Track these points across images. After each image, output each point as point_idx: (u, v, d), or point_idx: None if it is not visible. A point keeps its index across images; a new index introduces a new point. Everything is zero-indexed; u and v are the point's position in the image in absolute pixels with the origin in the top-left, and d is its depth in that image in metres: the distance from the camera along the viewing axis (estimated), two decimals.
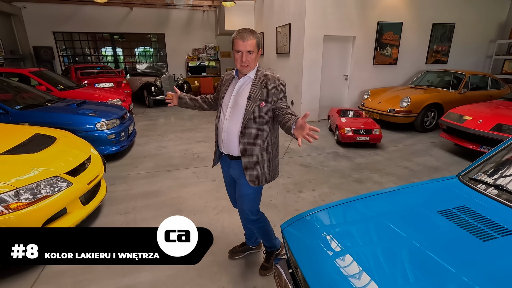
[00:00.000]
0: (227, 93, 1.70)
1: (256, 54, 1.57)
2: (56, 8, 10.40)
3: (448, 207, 1.31)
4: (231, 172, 1.81)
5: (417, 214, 1.32)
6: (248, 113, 1.59)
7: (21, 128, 2.86)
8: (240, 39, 1.51)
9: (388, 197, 1.53)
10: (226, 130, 1.67)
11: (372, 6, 6.45)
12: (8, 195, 1.91)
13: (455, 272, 0.97)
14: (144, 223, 2.66)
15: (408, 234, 1.19)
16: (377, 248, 1.18)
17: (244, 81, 1.66)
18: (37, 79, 5.63)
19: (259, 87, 1.61)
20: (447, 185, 1.55)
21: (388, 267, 1.06)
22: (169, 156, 4.44)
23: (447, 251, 1.07)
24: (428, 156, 4.45)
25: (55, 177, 2.21)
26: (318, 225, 1.37)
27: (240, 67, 1.59)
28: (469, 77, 6.04)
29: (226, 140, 1.69)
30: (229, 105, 1.66)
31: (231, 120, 1.65)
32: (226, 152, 1.75)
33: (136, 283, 1.97)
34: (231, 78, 1.72)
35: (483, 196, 1.36)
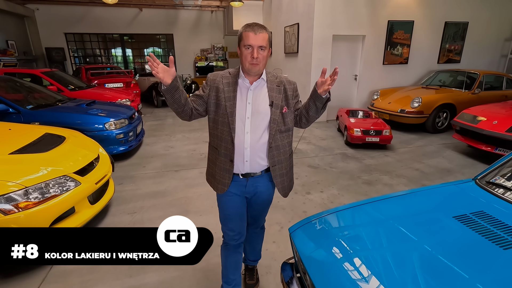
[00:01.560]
0: (238, 101, 1.39)
1: (268, 52, 1.35)
2: (67, 9, 10.60)
3: (465, 212, 1.25)
4: (248, 188, 1.51)
5: (432, 220, 1.26)
6: (275, 122, 1.40)
7: (32, 127, 2.90)
8: (251, 31, 1.28)
9: (401, 200, 1.48)
10: (250, 145, 1.40)
11: (383, 4, 6.34)
12: (17, 194, 1.93)
13: (469, 279, 0.92)
14: (151, 223, 2.65)
15: (423, 240, 1.13)
16: (388, 253, 1.13)
17: (257, 85, 1.41)
18: (49, 79, 5.72)
19: (277, 91, 1.42)
20: (463, 188, 1.49)
21: (399, 273, 1.01)
22: (176, 156, 4.45)
23: (464, 258, 1.01)
24: (440, 158, 4.33)
25: (63, 177, 2.22)
26: (327, 228, 1.32)
27: (249, 66, 1.33)
28: (483, 77, 5.87)
29: (250, 158, 1.42)
30: (247, 116, 1.38)
31: (254, 133, 1.40)
32: (246, 171, 1.46)
33: (142, 284, 1.96)
34: (233, 82, 1.41)
35: (502, 201, 1.30)
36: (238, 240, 1.64)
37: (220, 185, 1.50)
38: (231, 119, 1.38)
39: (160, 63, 1.27)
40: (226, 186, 1.48)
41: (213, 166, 1.53)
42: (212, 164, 1.55)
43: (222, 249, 1.70)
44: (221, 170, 1.47)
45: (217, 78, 1.43)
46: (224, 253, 1.69)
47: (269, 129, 1.41)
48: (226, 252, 1.68)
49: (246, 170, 1.46)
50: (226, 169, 1.46)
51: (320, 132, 5.79)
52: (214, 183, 1.54)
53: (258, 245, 1.88)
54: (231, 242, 1.63)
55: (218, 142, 1.45)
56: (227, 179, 1.47)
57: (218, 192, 1.54)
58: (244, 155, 1.42)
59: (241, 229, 1.63)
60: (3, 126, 2.79)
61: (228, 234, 1.63)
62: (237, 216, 1.58)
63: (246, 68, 1.36)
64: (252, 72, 1.36)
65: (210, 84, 1.42)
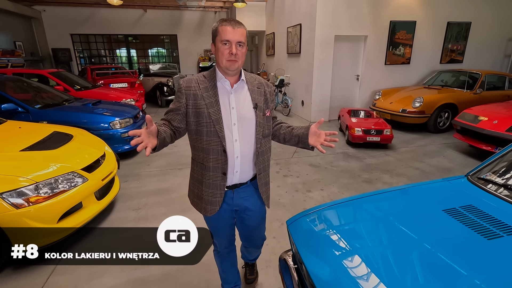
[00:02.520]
0: (221, 107, 1.27)
1: (246, 48, 1.26)
2: (73, 11, 10.77)
3: (455, 206, 1.30)
4: (235, 203, 1.42)
5: (422, 212, 1.32)
6: (260, 125, 1.32)
7: (40, 126, 3.00)
8: (229, 25, 1.18)
9: (394, 195, 1.54)
10: (240, 153, 1.31)
11: (385, 5, 6.37)
12: (28, 188, 2.02)
13: (451, 265, 0.98)
14: (155, 219, 2.74)
15: (412, 231, 1.19)
16: (380, 243, 1.19)
17: (237, 87, 1.30)
18: (56, 80, 5.85)
19: (258, 93, 1.34)
20: (455, 184, 1.54)
21: (388, 260, 1.07)
22: (180, 155, 4.53)
23: (448, 247, 1.07)
24: (441, 157, 4.36)
25: (71, 173, 2.31)
26: (323, 221, 1.39)
27: (227, 63, 1.21)
28: (485, 77, 5.88)
29: (240, 167, 1.33)
30: (233, 122, 1.28)
31: (243, 140, 1.30)
32: (235, 182, 1.37)
33: (147, 275, 2.04)
34: (212, 86, 1.28)
35: (491, 196, 1.35)
36: (229, 247, 1.63)
37: (210, 206, 1.36)
38: (218, 127, 1.25)
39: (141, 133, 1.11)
40: (217, 205, 1.35)
41: (199, 185, 1.38)
42: (197, 184, 1.39)
43: (215, 256, 1.68)
44: (211, 187, 1.33)
45: (192, 84, 1.28)
46: (218, 259, 1.68)
47: (256, 134, 1.32)
48: (220, 258, 1.67)
49: (235, 181, 1.36)
50: (216, 185, 1.32)
51: None
52: (202, 205, 1.39)
53: (255, 254, 1.86)
54: (223, 250, 1.63)
55: (204, 156, 1.30)
56: (219, 196, 1.34)
57: (207, 214, 1.38)
58: (235, 165, 1.32)
59: (231, 237, 1.61)
60: (14, 124, 2.89)
61: (219, 244, 1.59)
62: (226, 229, 1.53)
63: (223, 66, 1.24)
64: (230, 70, 1.24)
65: (186, 92, 1.27)
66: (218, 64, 1.27)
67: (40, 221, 2.04)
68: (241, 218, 1.51)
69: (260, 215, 1.53)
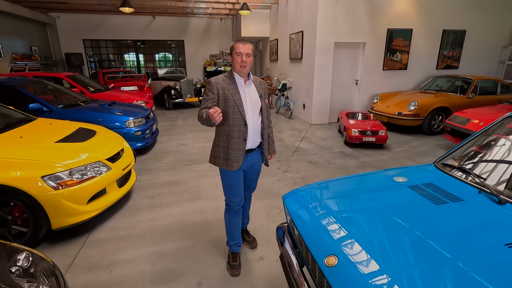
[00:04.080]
0: (240, 96, 1.87)
1: (252, 58, 1.85)
2: (86, 17, 11.28)
3: (417, 183, 1.62)
4: (248, 162, 1.99)
5: (391, 189, 1.64)
6: (264, 109, 1.99)
7: (67, 123, 3.35)
8: (240, 43, 1.80)
9: (372, 174, 1.86)
10: (252, 127, 1.92)
11: (382, 13, 6.72)
12: (64, 173, 2.37)
13: (408, 227, 1.28)
14: (168, 206, 3.07)
15: (380, 201, 1.51)
16: (350, 205, 1.51)
17: (248, 83, 1.93)
18: (72, 82, 6.27)
19: (260, 88, 1.98)
20: (423, 169, 1.85)
21: (361, 220, 1.38)
22: (188, 152, 4.88)
23: (406, 211, 1.39)
24: (432, 157, 4.65)
25: (98, 162, 2.65)
26: (313, 194, 1.70)
27: (240, 68, 1.82)
28: (478, 82, 6.17)
29: (253, 136, 1.94)
30: (248, 106, 1.89)
31: (254, 117, 1.92)
32: (249, 147, 1.96)
33: (164, 250, 2.36)
34: (233, 82, 1.88)
35: (448, 176, 1.66)
36: (240, 204, 2.08)
37: (235, 163, 1.92)
38: (241, 108, 1.87)
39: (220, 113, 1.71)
40: (240, 162, 1.93)
41: (225, 150, 1.93)
42: (224, 150, 1.93)
43: (226, 214, 2.13)
44: (236, 150, 1.90)
45: (219, 80, 1.88)
46: (228, 217, 2.12)
47: (261, 114, 1.98)
48: (230, 216, 2.11)
49: (249, 146, 1.95)
50: (240, 148, 1.91)
51: (321, 133, 6.16)
52: (229, 163, 1.92)
53: (248, 209, 2.39)
54: (235, 207, 2.07)
55: (230, 129, 1.88)
56: (241, 156, 1.92)
57: (233, 169, 1.92)
58: (249, 134, 1.92)
59: (241, 194, 2.07)
60: (45, 121, 3.26)
61: (232, 201, 2.05)
62: (240, 185, 2.04)
63: (237, 70, 1.86)
64: (242, 72, 1.86)
65: (216, 86, 1.86)
66: (234, 68, 1.89)
67: (73, 202, 2.38)
68: (247, 174, 2.10)
69: (258, 170, 2.15)
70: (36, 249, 2.36)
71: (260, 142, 2.03)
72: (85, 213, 2.47)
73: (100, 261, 2.23)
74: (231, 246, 2.17)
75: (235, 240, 2.16)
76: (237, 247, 2.18)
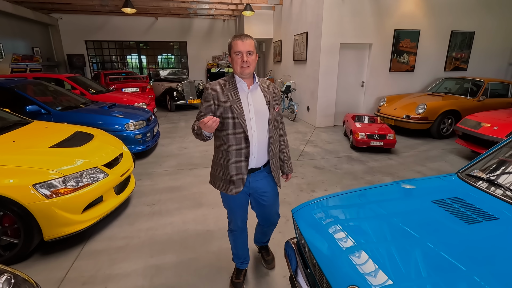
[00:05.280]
0: (242, 103, 1.54)
1: (255, 56, 1.52)
2: (88, 19, 11.22)
3: (442, 197, 1.46)
4: (252, 186, 1.67)
5: (413, 202, 1.48)
6: (272, 119, 1.61)
7: (64, 126, 3.23)
8: (239, 40, 1.48)
9: (390, 187, 1.70)
10: (257, 141, 1.59)
11: (389, 14, 6.56)
12: (57, 181, 2.23)
13: (433, 248, 1.13)
14: (168, 214, 2.92)
15: (403, 219, 1.35)
16: (368, 223, 1.35)
17: (253, 88, 1.59)
18: (73, 84, 6.16)
19: (269, 93, 1.63)
20: (446, 180, 1.70)
21: (380, 239, 1.23)
22: (190, 156, 4.74)
23: (434, 231, 1.23)
24: (443, 162, 4.48)
25: (94, 168, 2.52)
26: (324, 208, 1.55)
27: (241, 69, 1.50)
28: (488, 84, 5.99)
29: (257, 153, 1.60)
30: (251, 116, 1.56)
31: (259, 130, 1.58)
32: (253, 166, 1.63)
33: (162, 263, 2.21)
34: (233, 87, 1.56)
35: (475, 189, 1.51)
36: (242, 227, 1.86)
37: (235, 186, 1.61)
38: (242, 119, 1.53)
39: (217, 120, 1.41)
40: (241, 185, 1.61)
41: (224, 170, 1.63)
42: (223, 169, 1.63)
43: (230, 235, 1.93)
44: (236, 170, 1.59)
45: (217, 86, 1.57)
46: (232, 238, 1.92)
47: (269, 126, 1.61)
48: (234, 237, 1.91)
49: (252, 165, 1.63)
50: (240, 168, 1.59)
51: (327, 136, 6.00)
52: (228, 186, 1.62)
53: (270, 234, 2.11)
54: (237, 229, 1.86)
55: (229, 144, 1.57)
56: (242, 177, 1.60)
57: (233, 194, 1.62)
58: (253, 151, 1.59)
59: (243, 218, 1.84)
60: (41, 124, 3.13)
61: (234, 224, 1.84)
62: (242, 208, 1.77)
63: (238, 72, 1.53)
64: (245, 74, 1.52)
65: (212, 93, 1.55)
66: (235, 71, 1.56)
67: (67, 211, 2.24)
68: (257, 200, 1.76)
69: (274, 194, 1.79)
70: (28, 261, 2.23)
71: (267, 160, 1.69)
72: (80, 222, 2.33)
73: (94, 275, 2.09)
74: (237, 263, 2.01)
75: (240, 259, 1.97)
76: (244, 264, 2.01)
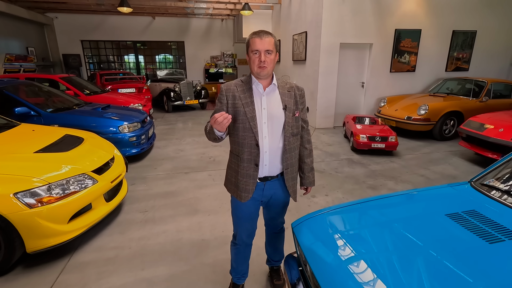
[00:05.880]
0: (255, 107, 1.44)
1: (275, 55, 1.40)
2: (84, 18, 11.06)
3: (457, 211, 1.33)
4: (265, 192, 1.57)
5: (425, 217, 1.35)
6: (289, 125, 1.45)
7: (53, 129, 3.08)
8: (257, 37, 1.35)
9: (398, 199, 1.57)
10: (269, 149, 1.46)
11: (390, 13, 6.44)
12: (41, 189, 2.08)
13: (454, 269, 1.00)
14: (162, 222, 2.78)
15: (415, 235, 1.22)
16: (383, 247, 1.22)
17: (269, 90, 1.46)
18: (66, 85, 6.01)
19: (288, 96, 1.48)
20: (459, 190, 1.57)
21: (390, 263, 1.10)
22: (186, 159, 4.60)
23: (451, 251, 1.10)
24: (446, 165, 4.36)
25: (82, 175, 2.37)
26: (328, 223, 1.42)
27: (258, 69, 1.38)
28: (491, 85, 5.88)
29: (268, 161, 1.48)
30: (264, 121, 1.44)
31: (272, 137, 1.45)
32: (265, 175, 1.52)
33: (154, 276, 2.07)
34: (248, 89, 1.46)
35: (493, 202, 1.37)
36: (247, 241, 1.74)
37: (244, 193, 1.51)
38: (253, 124, 1.42)
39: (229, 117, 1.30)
40: (250, 193, 1.51)
41: (235, 174, 1.54)
42: (234, 173, 1.55)
43: (232, 247, 1.80)
44: (245, 176, 1.49)
45: (231, 87, 1.47)
46: (234, 251, 1.79)
47: (283, 132, 1.46)
48: (236, 250, 1.78)
49: (265, 173, 1.50)
50: (250, 175, 1.48)
51: (326, 138, 5.87)
52: (237, 192, 1.54)
53: (280, 245, 1.93)
54: (241, 243, 1.74)
55: (240, 149, 1.47)
56: (251, 185, 1.49)
57: (241, 200, 1.53)
58: (264, 158, 1.47)
59: (252, 230, 1.73)
60: (27, 127, 2.99)
61: (239, 236, 1.72)
62: (250, 220, 1.66)
63: (255, 72, 1.41)
64: (261, 75, 1.40)
65: (226, 94, 1.46)
66: (252, 71, 1.44)
67: (52, 221, 2.10)
68: (267, 204, 1.67)
69: (283, 204, 1.70)
70: (10, 275, 2.09)
71: (282, 170, 1.54)
72: (66, 233, 2.18)
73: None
74: (233, 277, 1.87)
75: (238, 274, 1.84)
76: (241, 279, 1.88)
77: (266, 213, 1.77)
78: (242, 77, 1.53)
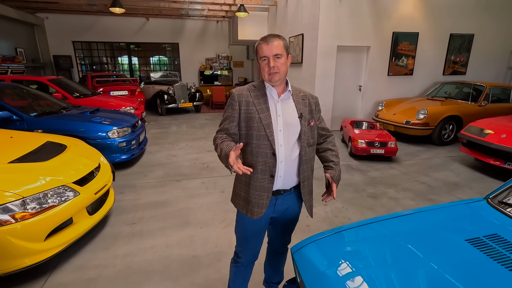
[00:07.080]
0: (270, 113, 1.34)
1: (286, 59, 1.31)
2: (76, 18, 10.81)
3: (478, 235, 1.18)
4: (277, 207, 1.43)
5: (444, 244, 1.19)
6: (305, 134, 1.36)
7: (33, 135, 2.88)
8: (263, 43, 1.28)
9: (409, 220, 1.41)
10: (284, 158, 1.35)
11: (388, 16, 6.35)
12: (14, 204, 1.89)
13: None
14: (150, 235, 2.60)
15: (436, 264, 1.06)
16: (393, 275, 1.06)
17: (284, 97, 1.37)
18: (54, 87, 5.77)
19: (303, 104, 1.39)
20: (475, 208, 1.42)
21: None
22: (179, 165, 4.41)
23: (479, 284, 0.94)
24: (447, 171, 4.24)
25: (62, 187, 2.18)
26: (330, 249, 1.26)
27: (268, 76, 1.30)
28: (489, 89, 5.80)
29: (284, 172, 1.36)
30: (279, 128, 1.34)
31: (288, 146, 1.35)
32: (277, 188, 1.39)
33: None
34: (262, 94, 1.37)
35: None
36: (250, 261, 1.60)
37: (256, 208, 1.37)
38: (269, 131, 1.31)
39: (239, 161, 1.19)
40: (264, 207, 1.37)
41: (246, 188, 1.40)
42: (244, 187, 1.41)
43: (232, 266, 1.66)
44: (258, 189, 1.36)
45: (244, 92, 1.37)
46: (234, 270, 1.65)
47: (300, 142, 1.36)
48: (236, 269, 1.64)
49: (278, 186, 1.38)
50: (264, 187, 1.35)
51: None
52: (249, 208, 1.39)
53: (281, 266, 1.80)
54: (244, 263, 1.59)
55: (253, 159, 1.34)
56: (266, 198, 1.36)
57: (253, 217, 1.38)
58: (279, 169, 1.35)
59: (257, 250, 1.58)
60: (5, 134, 2.78)
61: (243, 255, 1.57)
62: (257, 238, 1.52)
63: (266, 79, 1.34)
64: (274, 81, 1.32)
65: (238, 99, 1.36)
66: (263, 78, 1.36)
67: (26, 239, 1.91)
68: (275, 221, 1.53)
69: (293, 221, 1.57)
70: None
71: (298, 182, 1.42)
72: (43, 251, 1.99)
73: None
74: None
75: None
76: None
77: (271, 230, 1.62)
78: (254, 82, 1.44)
